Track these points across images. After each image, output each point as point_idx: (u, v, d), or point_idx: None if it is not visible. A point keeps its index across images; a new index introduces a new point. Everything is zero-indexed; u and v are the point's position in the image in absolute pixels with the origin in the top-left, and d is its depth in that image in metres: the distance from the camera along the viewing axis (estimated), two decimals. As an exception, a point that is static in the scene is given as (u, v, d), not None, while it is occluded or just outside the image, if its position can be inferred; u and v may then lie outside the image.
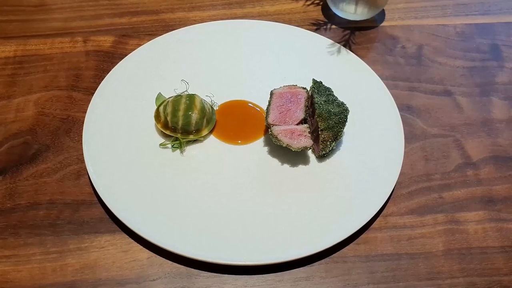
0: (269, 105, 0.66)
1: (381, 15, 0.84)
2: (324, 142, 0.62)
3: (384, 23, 0.83)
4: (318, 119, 0.63)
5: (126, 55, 0.74)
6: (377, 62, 0.77)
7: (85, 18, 0.83)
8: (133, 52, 0.74)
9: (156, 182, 0.62)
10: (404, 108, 0.72)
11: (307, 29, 0.80)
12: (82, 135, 0.65)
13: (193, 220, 0.59)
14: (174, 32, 0.78)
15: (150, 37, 0.78)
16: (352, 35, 0.81)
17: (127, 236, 0.59)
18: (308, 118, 0.67)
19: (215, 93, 0.70)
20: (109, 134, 0.66)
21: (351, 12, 0.81)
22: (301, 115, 0.66)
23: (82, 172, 0.64)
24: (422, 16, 0.85)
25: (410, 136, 0.69)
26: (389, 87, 0.72)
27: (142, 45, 0.76)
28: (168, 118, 0.64)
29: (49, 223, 0.60)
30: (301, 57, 0.76)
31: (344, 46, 0.77)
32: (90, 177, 0.61)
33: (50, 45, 0.78)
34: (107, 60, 0.76)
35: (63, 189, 0.63)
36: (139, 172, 0.63)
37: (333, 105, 0.64)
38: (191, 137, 0.65)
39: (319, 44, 0.77)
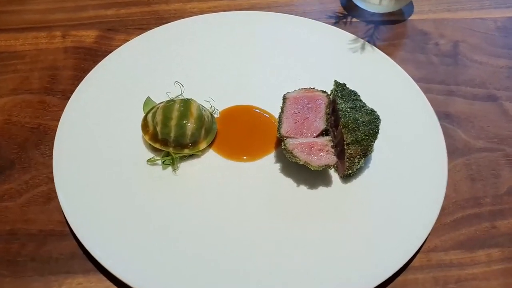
0: (282, 112, 0.61)
1: (409, 7, 0.80)
2: (351, 158, 0.56)
3: (412, 17, 0.78)
4: (343, 130, 0.57)
5: (111, 52, 0.70)
6: (406, 61, 0.72)
7: (66, 9, 0.79)
8: (119, 48, 0.70)
9: (142, 209, 0.56)
10: (442, 116, 0.66)
11: (325, 22, 0.75)
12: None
13: (187, 258, 0.52)
14: (168, 25, 0.74)
15: (140, 31, 0.73)
16: (377, 30, 0.76)
17: (105, 278, 0.52)
18: (330, 129, 0.61)
19: (215, 97, 0.65)
20: (86, 148, 0.60)
21: (375, 4, 0.77)
22: (321, 125, 0.59)
23: (52, 195, 0.58)
24: (456, 9, 0.80)
25: (451, 150, 0.62)
26: (421, 90, 0.66)
27: (130, 40, 0.72)
28: (158, 129, 0.58)
29: (8, 260, 0.53)
30: (318, 55, 0.71)
31: (368, 42, 0.72)
32: (60, 202, 0.55)
33: (23, 41, 0.73)
34: (89, 58, 0.71)
35: (28, 217, 0.56)
36: (121, 196, 0.56)
37: (361, 113, 0.58)
38: (186, 151, 0.60)
39: (339, 40, 0.72)
